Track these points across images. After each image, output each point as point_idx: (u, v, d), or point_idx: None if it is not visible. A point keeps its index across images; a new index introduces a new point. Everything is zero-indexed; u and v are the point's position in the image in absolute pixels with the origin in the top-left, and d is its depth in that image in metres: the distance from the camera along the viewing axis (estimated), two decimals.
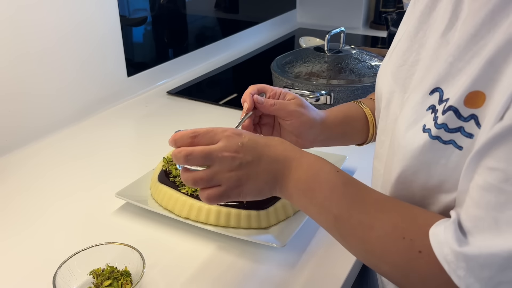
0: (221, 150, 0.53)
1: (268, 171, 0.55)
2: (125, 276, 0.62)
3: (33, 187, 0.87)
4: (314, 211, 0.54)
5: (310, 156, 0.56)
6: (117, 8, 1.16)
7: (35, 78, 1.01)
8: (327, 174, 0.53)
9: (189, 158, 0.53)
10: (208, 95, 1.30)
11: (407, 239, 0.46)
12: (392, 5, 1.92)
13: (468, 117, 0.44)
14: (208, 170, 0.54)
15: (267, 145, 0.56)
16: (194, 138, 0.54)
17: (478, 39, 0.45)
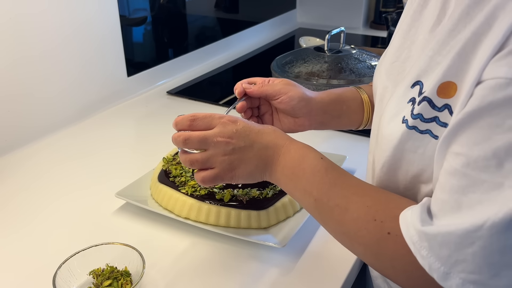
0: (216, 136, 0.58)
1: (259, 157, 0.59)
2: (125, 276, 0.62)
3: (33, 187, 0.87)
4: (298, 194, 0.57)
5: (298, 144, 0.59)
6: (117, 8, 1.16)
7: (35, 78, 1.00)
8: (311, 159, 0.57)
9: (187, 142, 0.58)
10: (208, 95, 1.30)
11: (378, 220, 0.48)
12: (392, 5, 1.92)
13: (442, 107, 0.46)
14: (203, 153, 0.59)
15: (259, 132, 0.60)
16: (192, 121, 0.60)
17: (455, 33, 0.46)
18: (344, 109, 0.76)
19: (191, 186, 0.75)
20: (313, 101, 0.73)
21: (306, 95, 0.73)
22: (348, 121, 0.78)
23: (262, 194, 0.74)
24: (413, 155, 0.50)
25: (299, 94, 0.72)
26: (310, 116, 0.74)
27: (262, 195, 0.74)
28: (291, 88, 0.72)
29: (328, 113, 0.75)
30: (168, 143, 0.94)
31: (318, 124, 0.75)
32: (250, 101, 0.75)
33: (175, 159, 0.84)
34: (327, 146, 1.00)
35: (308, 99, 0.73)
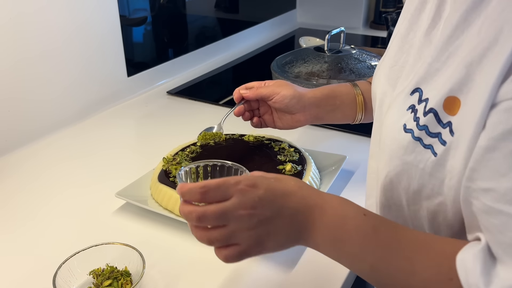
0: (236, 208, 0.48)
1: (289, 225, 0.50)
2: (125, 276, 0.62)
3: (33, 187, 0.87)
4: (346, 261, 0.50)
5: (332, 201, 0.51)
6: (117, 8, 1.16)
7: (35, 78, 1.00)
8: (354, 219, 0.49)
9: (202, 219, 0.48)
10: (208, 95, 1.30)
11: (455, 279, 0.42)
12: (392, 5, 1.92)
13: (446, 124, 0.45)
14: (224, 230, 0.49)
15: (285, 195, 0.50)
16: (204, 194, 0.48)
17: (453, 39, 0.46)
18: (338, 103, 0.79)
19: None
20: (305, 97, 0.78)
21: (298, 92, 0.78)
22: (343, 115, 0.81)
23: None
24: (415, 169, 0.48)
25: (291, 92, 0.77)
26: (305, 111, 0.78)
27: None
28: (283, 88, 0.77)
29: (321, 108, 0.79)
30: (168, 143, 0.94)
31: (314, 118, 0.80)
32: (250, 104, 0.81)
33: (175, 159, 0.84)
34: (327, 146, 1.00)
35: (300, 95, 0.77)
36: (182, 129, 1.09)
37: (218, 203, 0.48)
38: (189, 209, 0.48)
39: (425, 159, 0.47)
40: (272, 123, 0.82)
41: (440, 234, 0.50)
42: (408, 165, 0.49)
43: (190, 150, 0.87)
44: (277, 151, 0.86)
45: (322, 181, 0.83)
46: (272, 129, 0.84)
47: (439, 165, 0.46)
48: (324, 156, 0.89)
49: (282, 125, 0.81)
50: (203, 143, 0.86)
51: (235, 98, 0.79)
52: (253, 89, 0.79)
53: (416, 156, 0.47)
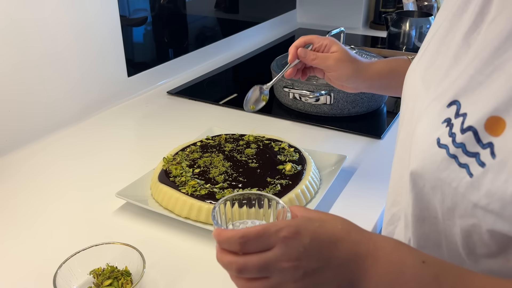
0: (280, 260, 0.44)
1: (339, 276, 0.46)
2: (125, 276, 0.62)
3: (33, 187, 0.87)
4: None
5: (386, 247, 0.46)
6: (117, 9, 1.16)
7: (36, 78, 1.01)
8: (412, 268, 0.45)
9: (243, 271, 0.45)
10: (208, 95, 1.30)
11: None
12: (392, 5, 1.92)
13: (486, 145, 0.41)
14: (267, 283, 0.45)
15: (332, 242, 0.46)
16: (244, 245, 0.44)
17: (501, 52, 0.42)
18: (393, 84, 0.80)
19: (191, 186, 0.75)
20: (361, 78, 0.78)
21: (356, 73, 0.78)
22: (394, 93, 0.84)
23: None
24: (447, 187, 0.45)
25: (349, 72, 0.77)
26: (357, 89, 0.82)
27: None
28: (342, 66, 0.77)
29: (375, 88, 0.83)
30: (168, 143, 0.94)
31: (364, 91, 0.84)
32: (299, 61, 0.81)
33: (175, 159, 0.84)
34: (327, 146, 1.00)
35: (357, 76, 0.78)
36: (182, 129, 1.09)
37: (260, 254, 0.44)
38: (228, 260, 0.45)
39: (459, 178, 0.43)
40: (321, 76, 0.84)
41: (475, 251, 0.46)
42: (441, 182, 0.45)
43: (190, 150, 0.87)
44: (277, 151, 0.86)
45: (322, 181, 0.83)
46: (272, 129, 0.84)
47: (474, 187, 0.42)
48: (324, 156, 0.89)
49: (330, 83, 0.83)
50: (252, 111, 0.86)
51: (291, 56, 0.79)
52: (311, 56, 0.78)
53: (450, 174, 0.44)
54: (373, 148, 0.99)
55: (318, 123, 1.09)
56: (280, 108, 1.19)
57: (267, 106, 1.20)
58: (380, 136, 1.03)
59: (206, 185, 0.76)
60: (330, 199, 0.80)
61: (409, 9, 1.74)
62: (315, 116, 1.13)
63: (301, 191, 0.76)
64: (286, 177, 0.78)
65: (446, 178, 0.44)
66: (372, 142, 1.01)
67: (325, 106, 1.10)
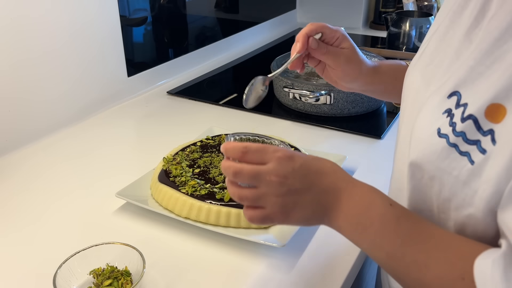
0: (270, 173, 0.51)
1: (317, 202, 0.52)
2: (125, 276, 0.62)
3: (33, 187, 0.87)
4: (365, 246, 0.51)
5: (362, 188, 0.52)
6: (117, 9, 1.16)
7: (36, 78, 1.01)
8: (379, 207, 0.50)
9: (237, 175, 0.52)
10: (208, 95, 1.30)
11: (466, 279, 0.42)
12: (392, 5, 1.92)
13: (487, 132, 0.42)
14: (254, 191, 0.52)
15: (319, 173, 0.53)
16: (244, 154, 0.52)
17: (501, 43, 0.43)
18: (390, 89, 0.79)
19: (191, 186, 0.75)
20: (365, 81, 0.76)
21: (362, 76, 0.75)
22: (388, 97, 0.82)
23: None
24: (447, 176, 0.46)
25: (354, 76, 0.74)
26: (352, 90, 0.79)
27: None
28: (350, 66, 0.73)
29: (377, 91, 0.80)
30: (168, 143, 0.94)
31: (361, 91, 0.80)
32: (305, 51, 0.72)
33: (175, 159, 0.84)
34: (327, 146, 1.00)
35: (362, 79, 0.75)
36: (182, 129, 1.09)
37: (255, 165, 0.51)
38: (228, 164, 0.52)
39: (460, 166, 0.44)
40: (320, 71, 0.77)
41: None
42: (441, 172, 0.46)
43: (190, 150, 0.87)
44: None
45: None
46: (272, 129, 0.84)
47: (475, 174, 0.43)
48: (324, 156, 0.87)
49: (326, 79, 0.78)
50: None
51: (297, 49, 0.69)
52: (322, 50, 0.70)
53: (451, 163, 0.45)
54: (373, 148, 0.99)
55: (318, 123, 1.09)
56: (280, 108, 1.19)
57: (267, 106, 1.20)
58: (380, 136, 1.03)
59: (206, 185, 0.76)
60: None
61: (409, 9, 1.74)
62: (315, 116, 1.13)
63: None
64: None
65: (446, 167, 0.46)
66: (372, 142, 1.01)
67: (325, 106, 1.10)
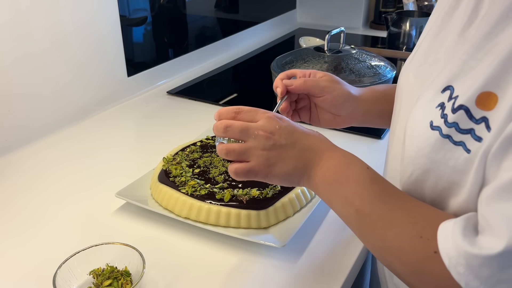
0: (258, 128, 0.56)
1: (299, 157, 0.56)
2: (125, 276, 0.62)
3: (33, 187, 0.87)
4: (337, 203, 0.54)
5: (343, 151, 0.57)
6: (117, 8, 1.16)
7: (35, 78, 1.01)
8: (357, 168, 0.54)
9: (228, 129, 0.56)
10: (208, 95, 1.30)
11: (424, 238, 0.45)
12: (392, 5, 1.92)
13: (480, 120, 0.43)
14: (242, 144, 0.57)
15: (304, 133, 0.58)
16: (237, 114, 0.58)
17: (492, 36, 0.44)
18: (386, 108, 0.73)
19: (191, 186, 0.75)
20: (357, 101, 0.71)
21: (351, 95, 0.71)
22: (388, 121, 0.74)
23: (262, 194, 0.74)
24: (444, 167, 0.46)
25: (345, 94, 0.70)
26: (352, 116, 0.72)
27: (262, 195, 0.74)
28: (336, 87, 0.70)
29: (370, 113, 0.74)
30: (168, 143, 0.94)
31: (358, 122, 0.74)
32: (289, 95, 0.70)
33: (175, 159, 0.84)
34: None
35: (353, 99, 0.71)
36: (182, 129, 1.09)
37: (245, 122, 0.57)
38: (220, 122, 0.57)
39: (456, 156, 0.45)
40: (308, 118, 0.74)
41: None
42: (436, 164, 0.47)
43: (190, 150, 0.87)
44: None
45: None
46: None
47: (473, 161, 0.44)
48: None
49: (320, 123, 0.73)
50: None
51: (280, 92, 0.68)
52: (300, 81, 0.69)
53: (446, 154, 0.46)
54: (373, 148, 0.99)
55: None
56: None
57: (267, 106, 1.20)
58: (380, 136, 1.03)
59: (206, 185, 0.76)
60: None
61: (409, 9, 1.74)
62: None
63: (301, 191, 0.76)
64: None
65: (442, 159, 0.46)
66: (372, 142, 1.01)
67: None
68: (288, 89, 0.68)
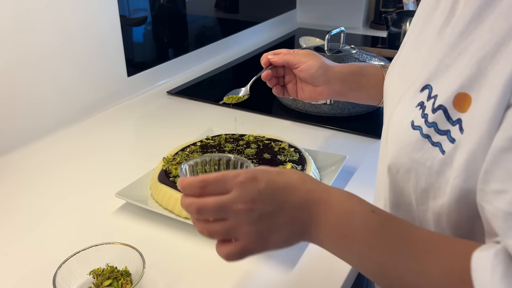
0: (236, 201, 0.46)
1: (292, 220, 0.48)
2: (125, 276, 0.62)
3: (33, 187, 0.87)
4: (353, 260, 0.48)
5: (338, 195, 0.49)
6: (117, 8, 1.16)
7: (35, 78, 1.01)
8: (361, 215, 0.47)
9: (201, 212, 0.47)
10: (208, 95, 1.30)
11: (466, 282, 0.40)
12: (392, 5, 1.92)
13: (455, 121, 0.44)
14: (223, 224, 0.47)
15: (287, 188, 0.48)
16: (203, 189, 0.47)
17: (465, 35, 0.45)
18: (363, 83, 0.79)
19: None
20: (331, 71, 0.78)
21: (325, 64, 0.78)
22: (367, 96, 0.81)
23: None
24: (422, 168, 0.47)
25: (318, 63, 0.77)
26: (329, 85, 0.79)
27: None
28: (311, 58, 0.77)
29: (346, 84, 0.79)
30: (168, 143, 0.94)
31: (336, 93, 0.80)
32: (276, 70, 0.81)
33: (175, 159, 0.84)
34: (327, 146, 1.00)
35: (327, 68, 0.78)
36: (182, 129, 1.09)
37: (217, 196, 0.47)
38: (189, 201, 0.47)
39: (432, 157, 0.45)
40: (294, 92, 0.82)
41: None
42: (415, 163, 0.47)
43: (190, 150, 0.87)
44: (277, 151, 0.86)
45: (322, 181, 0.83)
46: (272, 129, 0.84)
47: (446, 163, 0.44)
48: (324, 156, 0.89)
49: (304, 96, 0.81)
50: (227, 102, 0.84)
51: (263, 63, 0.80)
52: (280, 55, 0.79)
53: (424, 154, 0.46)
54: (373, 148, 0.99)
55: (318, 123, 1.09)
56: (280, 108, 1.18)
57: (267, 106, 1.20)
58: (380, 136, 1.03)
59: None
60: None
61: (409, 9, 1.74)
62: (315, 116, 1.13)
63: None
64: None
65: (420, 158, 0.47)
66: (372, 142, 1.01)
67: (325, 106, 1.10)
68: (270, 61, 0.79)
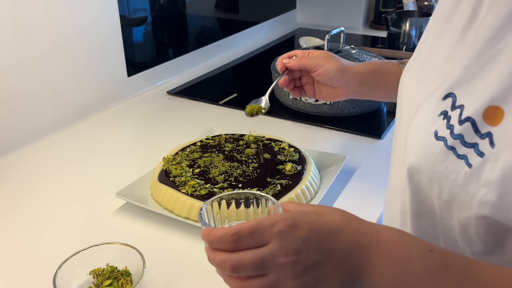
0: (277, 255, 0.41)
1: (341, 269, 0.43)
2: (125, 276, 0.62)
3: (33, 187, 0.87)
4: None
5: (390, 237, 0.44)
6: (117, 8, 1.16)
7: (36, 78, 1.01)
8: (420, 258, 0.42)
9: (238, 270, 0.42)
10: (208, 95, 1.30)
11: None
12: (392, 5, 1.92)
13: (485, 135, 0.41)
14: (263, 280, 0.42)
15: (332, 234, 0.43)
16: (237, 242, 0.42)
17: (494, 43, 0.42)
18: (382, 82, 0.79)
19: (191, 186, 0.75)
20: (350, 72, 0.78)
21: (343, 66, 0.77)
22: (386, 94, 0.81)
23: None
24: (445, 179, 0.44)
25: (336, 66, 0.76)
26: (348, 87, 0.79)
27: None
28: (328, 61, 0.77)
29: (365, 84, 0.79)
30: (168, 143, 0.94)
31: (356, 94, 0.80)
32: (292, 73, 0.80)
33: (175, 159, 0.84)
34: (327, 146, 1.00)
35: (345, 70, 0.77)
36: (182, 129, 1.09)
37: (255, 250, 0.42)
38: (221, 258, 0.42)
39: (457, 170, 0.43)
40: (312, 93, 0.82)
41: (473, 246, 0.46)
42: (438, 175, 0.45)
43: (190, 150, 0.87)
44: (277, 151, 0.86)
45: (322, 181, 0.83)
46: (272, 129, 0.84)
47: (473, 177, 0.42)
48: (324, 156, 0.89)
49: (323, 96, 0.81)
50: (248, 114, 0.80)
51: (279, 68, 0.79)
52: (296, 59, 0.78)
53: (448, 166, 0.44)
54: (373, 148, 0.99)
55: (318, 123, 1.09)
56: (280, 108, 1.19)
57: None
58: (380, 136, 1.03)
59: (206, 185, 0.76)
60: (330, 199, 0.80)
61: (409, 9, 1.74)
62: (315, 116, 1.13)
63: (301, 191, 0.76)
64: (286, 177, 0.78)
65: (443, 171, 0.44)
66: (372, 142, 1.01)
67: (325, 106, 1.10)
68: (286, 66, 0.77)
